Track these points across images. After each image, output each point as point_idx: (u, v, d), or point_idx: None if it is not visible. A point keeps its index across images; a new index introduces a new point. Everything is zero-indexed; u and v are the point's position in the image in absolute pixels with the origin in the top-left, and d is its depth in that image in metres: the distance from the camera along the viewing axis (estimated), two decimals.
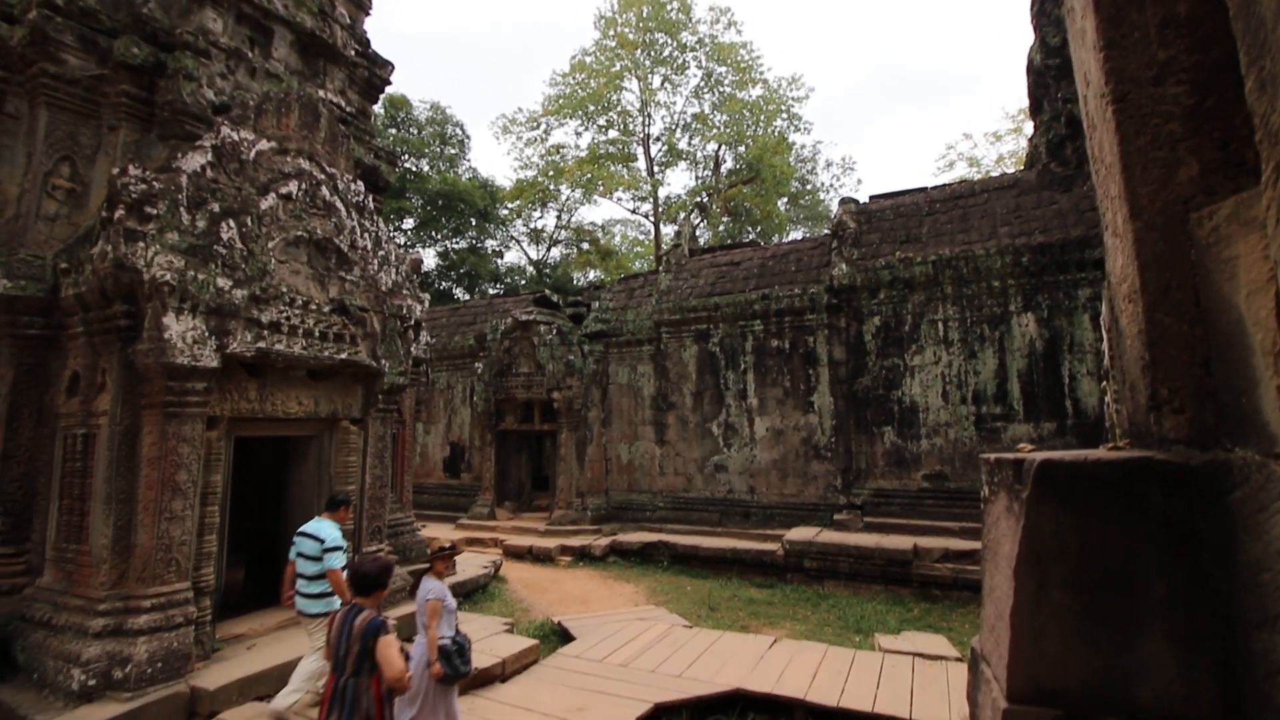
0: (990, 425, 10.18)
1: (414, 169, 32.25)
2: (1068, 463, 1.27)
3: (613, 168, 32.57)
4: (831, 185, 37.79)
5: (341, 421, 6.81)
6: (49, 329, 5.79)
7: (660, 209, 33.28)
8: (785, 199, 34.22)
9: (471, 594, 8.59)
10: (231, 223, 5.91)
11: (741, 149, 30.94)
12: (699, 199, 32.49)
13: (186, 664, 4.92)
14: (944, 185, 12.90)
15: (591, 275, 38.60)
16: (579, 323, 14.54)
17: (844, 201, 12.88)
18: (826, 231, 15.07)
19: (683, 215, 30.66)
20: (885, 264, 11.23)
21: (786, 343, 12.11)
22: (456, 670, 3.88)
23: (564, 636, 7.22)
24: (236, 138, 6.24)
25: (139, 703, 4.50)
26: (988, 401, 10.29)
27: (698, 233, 26.38)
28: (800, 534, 10.32)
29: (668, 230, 34.54)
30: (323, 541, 4.82)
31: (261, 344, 5.91)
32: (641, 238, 41.84)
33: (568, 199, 36.43)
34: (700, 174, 34.64)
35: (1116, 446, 1.44)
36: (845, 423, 11.35)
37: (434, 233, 33.98)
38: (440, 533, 12.28)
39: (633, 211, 35.09)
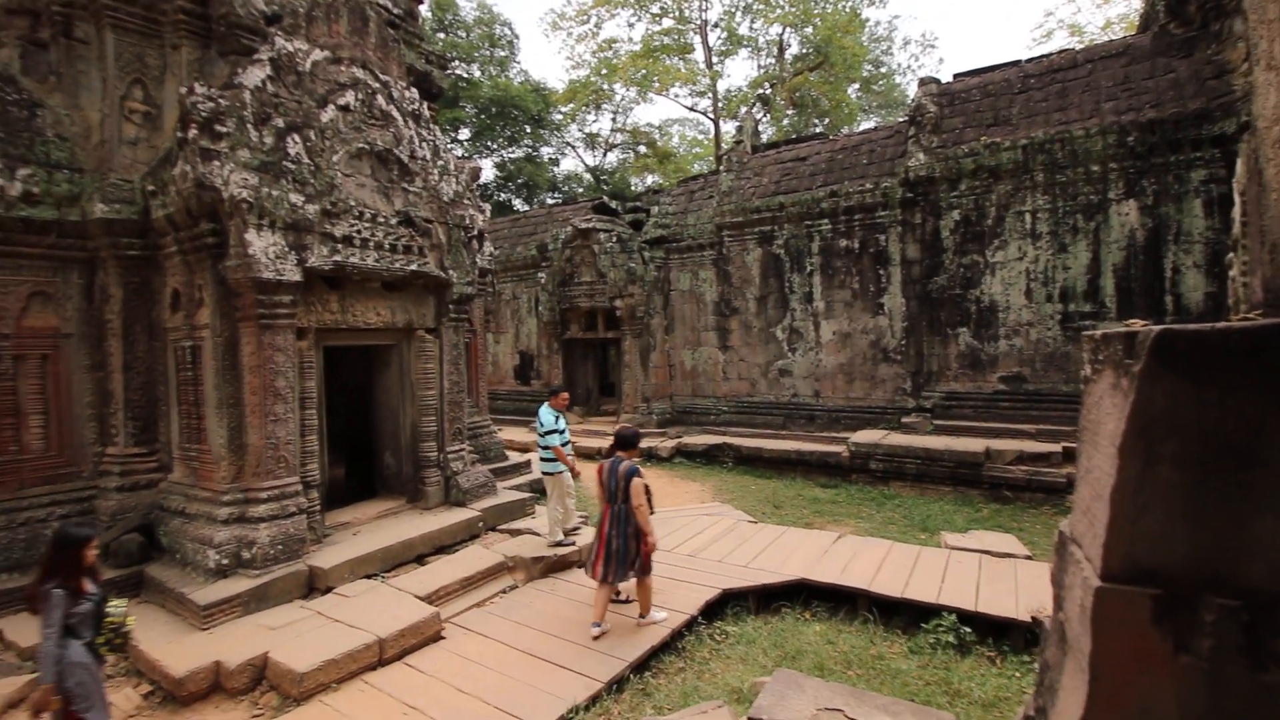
0: (1077, 324, 9.56)
1: (465, 75, 31.41)
2: (1190, 332, 1.16)
3: (668, 61, 30.66)
4: (909, 66, 34.49)
5: (417, 331, 7.10)
6: (147, 249, 6.18)
7: (720, 104, 31.40)
8: (856, 85, 31.52)
9: (544, 491, 9.12)
10: (296, 137, 5.98)
11: (808, 30, 28.31)
12: (761, 91, 30.40)
13: (303, 547, 5.54)
14: (1040, 57, 11.47)
15: (650, 180, 37.50)
16: (639, 229, 14.30)
17: (924, 82, 11.73)
18: (903, 118, 13.88)
19: (744, 109, 28.87)
20: (968, 151, 10.32)
21: (856, 242, 11.54)
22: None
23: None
24: (291, 48, 6.18)
25: (266, 578, 5.14)
26: (1076, 299, 9.62)
27: (760, 128, 24.91)
28: (866, 436, 10.28)
29: (728, 127, 32.74)
30: (542, 425, 6.31)
31: (337, 257, 6.12)
32: (700, 137, 39.94)
33: (622, 99, 34.84)
34: (763, 62, 32.20)
35: (1245, 317, 1.30)
36: (917, 324, 10.93)
37: (489, 143, 33.51)
38: (515, 436, 12.97)
39: (690, 109, 33.28)
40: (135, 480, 6.04)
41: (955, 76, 12.02)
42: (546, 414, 6.37)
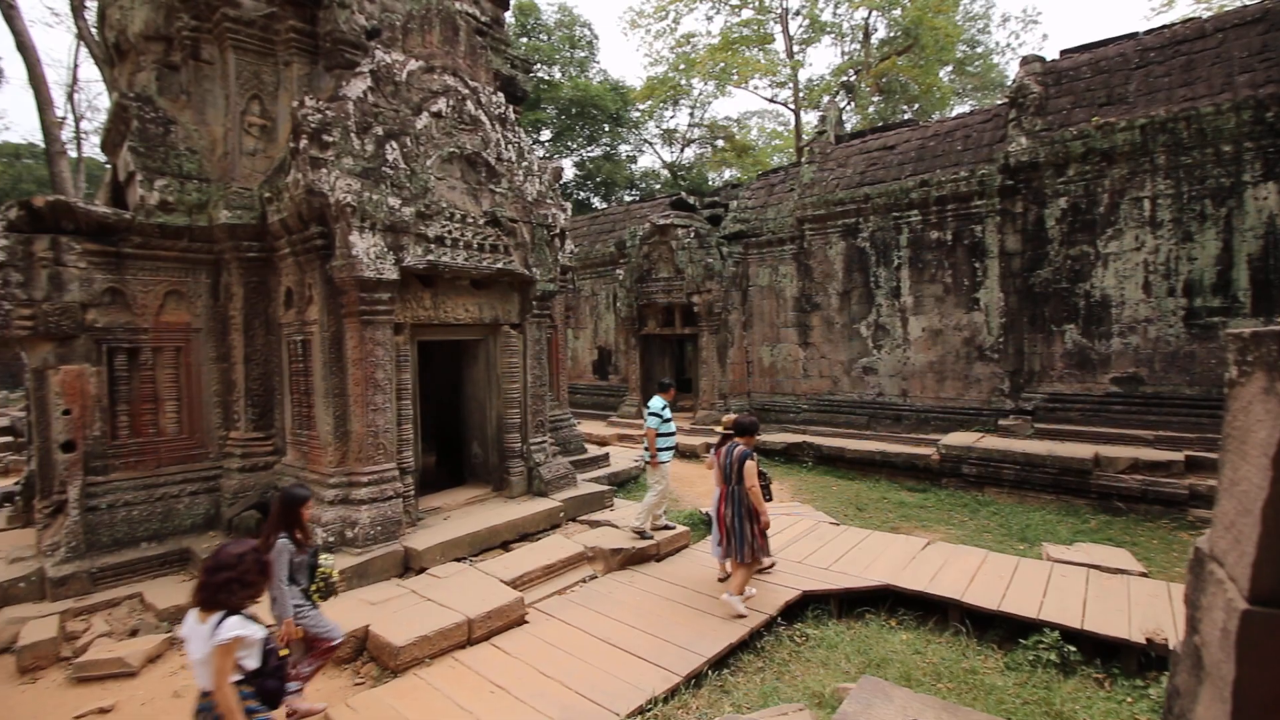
0: (1204, 320, 8.66)
1: (546, 78, 32.17)
2: None
3: (747, 53, 30.13)
4: (1008, 45, 32.34)
5: (502, 326, 7.37)
6: (264, 251, 6.73)
7: (801, 94, 30.56)
8: (949, 68, 29.85)
9: (625, 483, 9.26)
10: (394, 144, 6.33)
11: (896, 13, 27.04)
12: (845, 78, 29.36)
13: (399, 529, 5.90)
14: (1161, 28, 10.42)
15: (727, 174, 37.08)
16: (717, 224, 14.18)
17: (1026, 61, 10.95)
18: (1001, 101, 13.03)
19: (827, 99, 27.97)
20: (1078, 133, 9.54)
21: (948, 234, 10.95)
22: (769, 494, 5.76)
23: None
24: (389, 60, 6.54)
25: (366, 557, 5.51)
26: (1203, 293, 8.70)
27: (844, 117, 24.05)
28: (959, 439, 9.75)
29: (809, 118, 31.83)
30: (649, 408, 6.55)
31: (431, 256, 6.44)
32: (780, 129, 39.09)
33: (700, 93, 34.62)
34: (847, 49, 31.11)
35: None
36: (1016, 321, 10.24)
37: (569, 143, 34.17)
38: (593, 429, 13.21)
39: (770, 100, 32.55)
40: (254, 462, 6.62)
41: (1062, 53, 11.14)
42: (657, 400, 6.60)
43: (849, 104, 29.01)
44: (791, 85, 30.28)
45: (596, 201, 34.15)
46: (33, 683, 4.57)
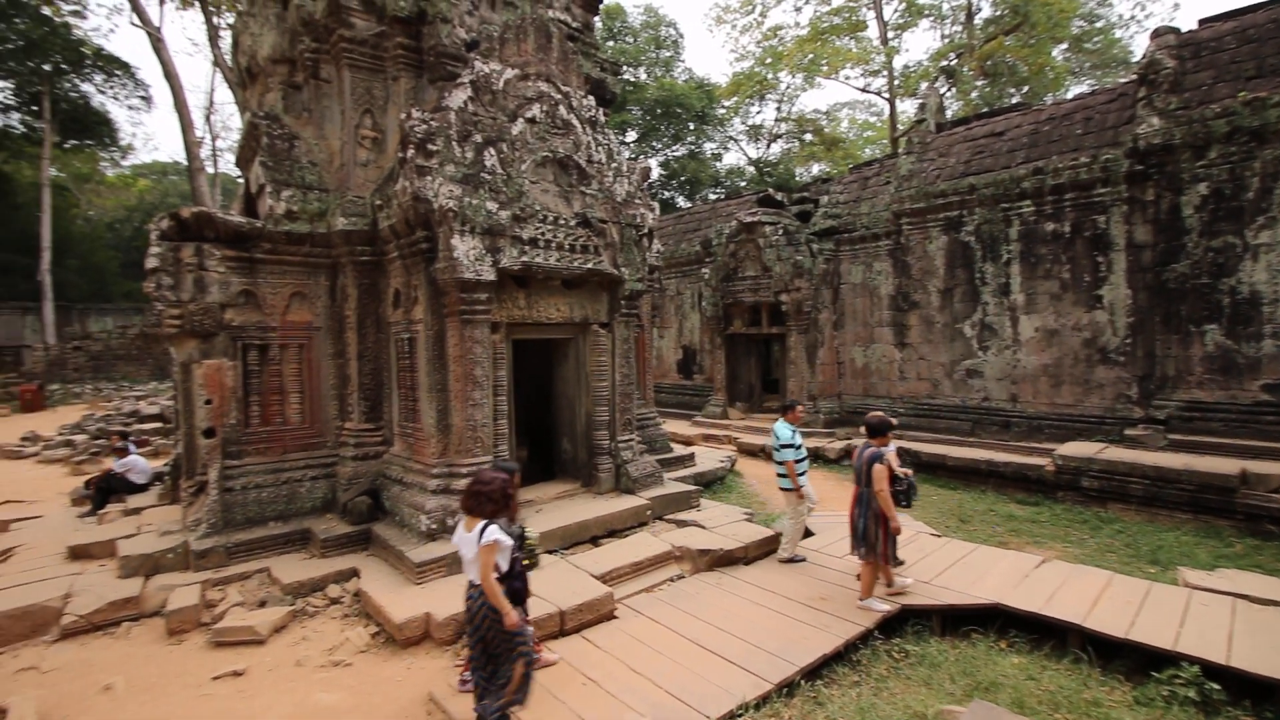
0: None
1: (631, 79, 32.52)
2: None
3: (838, 42, 29.13)
4: (1132, 17, 29.47)
5: (592, 325, 7.50)
6: (375, 255, 7.19)
7: (896, 82, 29.21)
8: (1063, 46, 27.58)
9: (710, 484, 9.19)
10: (491, 151, 6.58)
11: None
12: (945, 62, 27.77)
13: None
14: None
15: (816, 169, 36.03)
16: (806, 220, 13.79)
17: (1158, 33, 9.89)
18: (1127, 78, 11.88)
19: (925, 85, 26.57)
20: (1221, 110, 8.51)
21: (1066, 225, 10.09)
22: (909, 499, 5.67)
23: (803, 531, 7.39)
24: (487, 70, 6.79)
25: None
26: None
27: (945, 104, 22.73)
28: (1078, 449, 8.96)
29: (905, 106, 30.37)
30: (778, 439, 6.24)
31: (525, 258, 6.66)
32: (873, 120, 37.57)
33: (787, 87, 33.84)
34: (947, 31, 29.43)
35: None
36: (1147, 320, 9.29)
37: (654, 143, 34.36)
38: (678, 429, 13.21)
39: (862, 90, 31.37)
40: (365, 451, 7.10)
41: (1201, 23, 9.99)
42: (783, 428, 6.27)
43: (950, 90, 27.42)
44: (886, 73, 28.98)
45: (681, 201, 34.15)
46: (179, 644, 5.12)
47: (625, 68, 31.84)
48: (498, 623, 3.48)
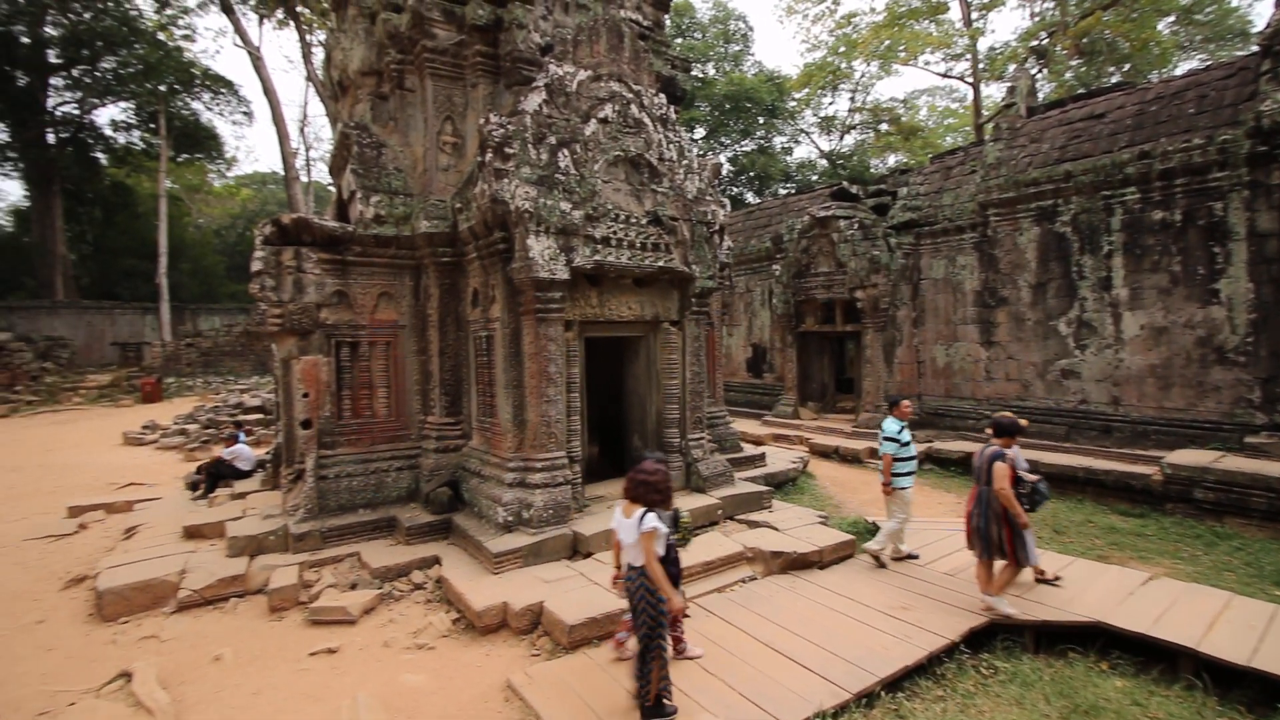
0: None
1: (700, 75, 32.31)
2: None
3: (917, 26, 27.90)
4: None
5: (662, 323, 7.51)
6: (455, 256, 7.47)
7: (981, 66, 27.72)
8: (1170, 19, 25.34)
9: (782, 485, 9.01)
10: (565, 152, 6.69)
11: None
12: (1036, 42, 26.11)
13: (568, 513, 6.26)
14: None
15: (892, 160, 34.72)
16: (883, 214, 13.28)
17: None
18: (1249, 50, 10.77)
19: (1013, 68, 25.08)
20: None
21: (1176, 213, 9.26)
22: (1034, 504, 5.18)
23: (872, 534, 7.13)
24: (560, 73, 6.91)
25: (541, 537, 5.92)
26: None
27: (1036, 86, 21.36)
28: (1190, 457, 8.21)
29: (990, 91, 28.78)
30: (883, 432, 6.17)
31: (597, 257, 6.74)
32: (954, 106, 35.82)
33: (862, 76, 32.76)
34: (1038, 9, 27.59)
35: None
36: (1271, 317, 8.40)
37: (723, 139, 34.03)
38: (747, 428, 13.04)
39: (944, 75, 29.93)
40: (446, 444, 7.40)
41: None
42: (890, 423, 6.17)
43: (1041, 72, 25.76)
44: (969, 57, 27.55)
45: (750, 197, 33.66)
46: (279, 620, 5.49)
47: (694, 64, 31.69)
48: (652, 605, 3.69)
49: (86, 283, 33.60)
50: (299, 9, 29.58)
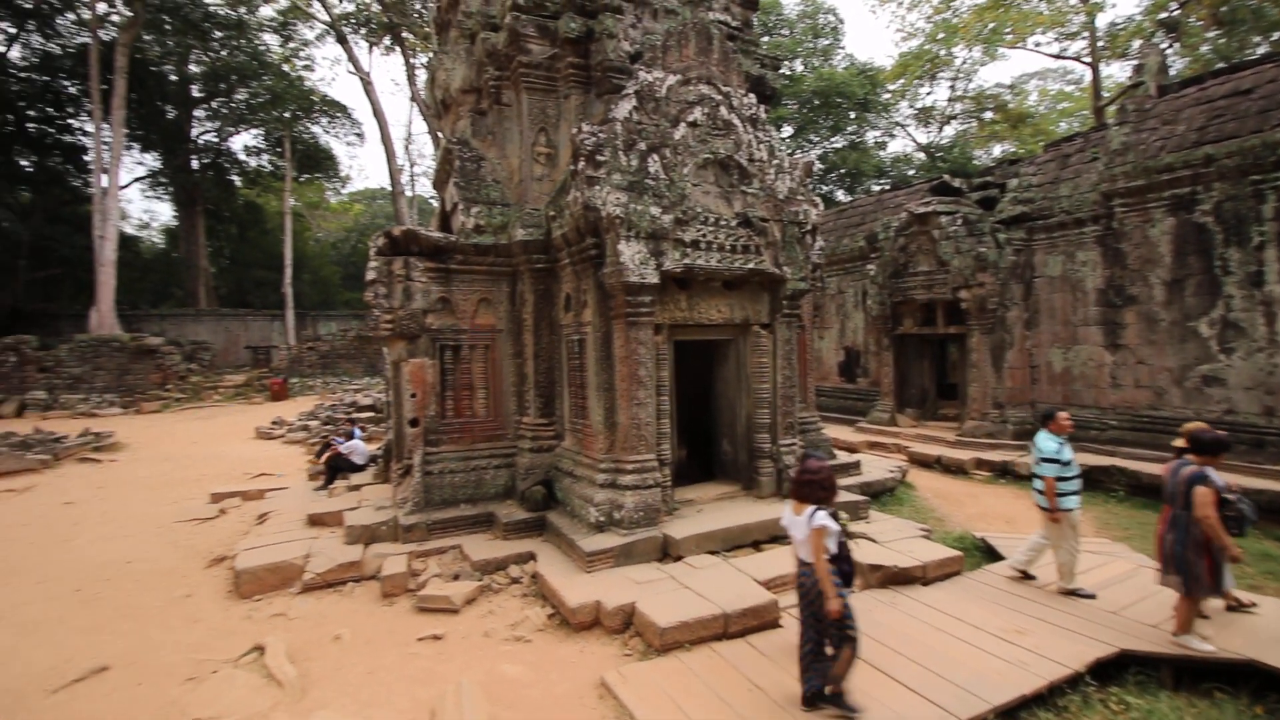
0: None
1: (787, 72, 31.66)
2: None
3: (1026, 5, 25.99)
4: None
5: (752, 326, 7.41)
6: (548, 262, 7.71)
7: (1100, 44, 25.43)
8: None
9: (879, 495, 8.63)
10: (655, 157, 6.75)
11: None
12: (1165, 14, 23.62)
13: (658, 516, 6.30)
14: None
15: (998, 150, 32.54)
16: (990, 208, 12.44)
17: None
18: None
19: (1139, 43, 22.81)
20: None
21: None
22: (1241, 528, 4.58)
23: (988, 553, 6.68)
24: (650, 79, 6.98)
25: (631, 538, 5.99)
26: None
27: (1167, 62, 19.29)
28: None
29: (1112, 70, 26.36)
30: (1039, 451, 5.57)
31: (686, 260, 6.74)
32: (1069, 90, 33.09)
33: (963, 62, 30.93)
34: None
35: None
36: None
37: (811, 136, 33.16)
38: (839, 435, 12.60)
39: (1057, 56, 27.76)
40: (540, 444, 7.65)
41: None
42: (1046, 440, 5.54)
43: (1172, 46, 23.29)
44: (1087, 35, 25.34)
45: (841, 195, 32.58)
46: (390, 606, 5.87)
47: (782, 61, 31.11)
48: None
49: (224, 292, 37.54)
50: (404, 35, 31.67)
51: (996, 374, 11.62)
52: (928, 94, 33.34)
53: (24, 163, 29.63)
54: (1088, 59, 25.74)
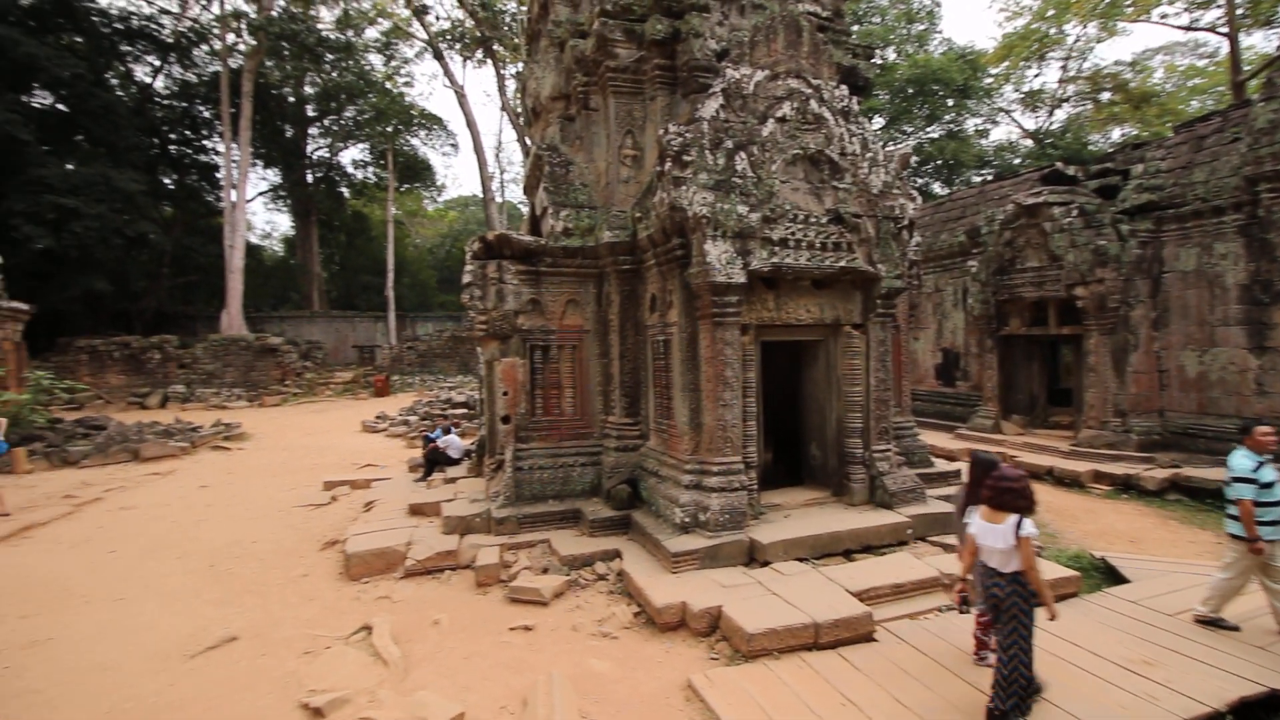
0: None
1: (880, 61, 30.39)
2: None
3: None
4: None
5: (844, 327, 7.15)
6: (634, 263, 7.78)
7: (1239, 11, 22.70)
8: None
9: None
10: (742, 155, 6.65)
11: None
12: None
13: (744, 519, 6.20)
14: None
15: (1117, 134, 29.80)
16: (1110, 197, 11.40)
17: None
18: None
19: None
20: None
21: None
22: None
23: (1109, 575, 6.11)
24: (737, 76, 6.88)
25: (717, 541, 5.93)
26: None
27: None
28: None
29: (1253, 41, 23.52)
30: (1231, 470, 4.83)
31: (774, 259, 6.60)
32: (1201, 64, 29.79)
33: (1076, 40, 28.57)
34: None
35: None
36: None
37: (905, 127, 31.67)
38: (936, 441, 11.94)
39: (1186, 28, 25.04)
40: (625, 444, 7.73)
41: None
42: (1241, 458, 4.76)
43: None
44: (1222, 2, 22.69)
45: (937, 187, 30.91)
46: (484, 595, 6.11)
47: (875, 50, 29.89)
48: (1025, 612, 3.68)
49: (334, 296, 40.62)
50: (495, 48, 32.99)
51: (1118, 379, 10.61)
52: (1035, 76, 31.01)
53: (167, 181, 33.33)
54: (1224, 29, 23.02)
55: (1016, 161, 29.95)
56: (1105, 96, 29.63)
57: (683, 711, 4.15)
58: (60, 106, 26.95)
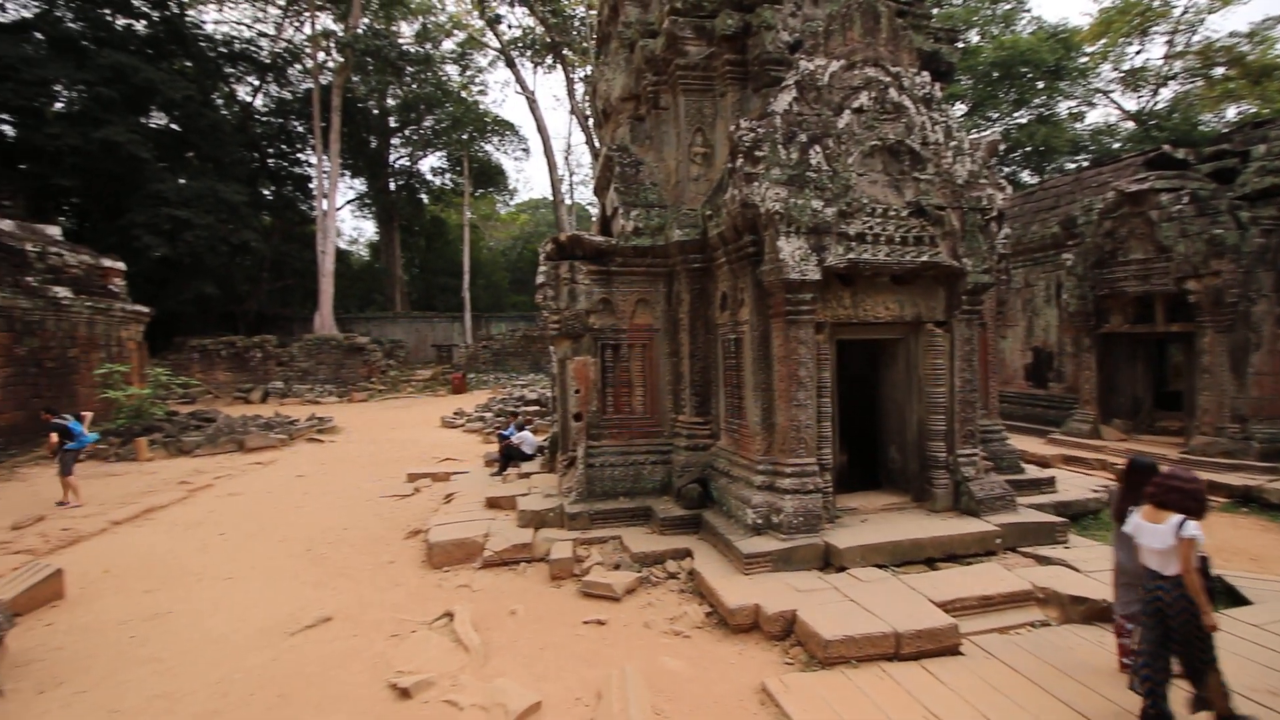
0: None
1: (962, 44, 28.92)
2: None
3: None
4: None
5: (926, 324, 6.85)
6: (704, 262, 7.73)
7: None
8: None
9: (1078, 517, 7.55)
10: (816, 148, 6.48)
11: None
12: None
13: (819, 523, 6.04)
14: None
15: (1232, 113, 27.15)
16: (1226, 181, 10.37)
17: None
18: None
19: None
20: None
21: None
22: None
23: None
24: (811, 67, 6.70)
25: (791, 544, 5.82)
26: None
27: None
28: None
29: None
30: None
31: (851, 255, 6.40)
32: None
33: (1185, 12, 26.18)
34: None
35: None
36: None
37: (990, 113, 30.00)
38: (1027, 446, 11.25)
39: None
40: (696, 443, 7.71)
41: None
42: None
43: None
44: None
45: (1026, 176, 29.09)
46: (558, 587, 6.24)
47: (958, 33, 28.42)
48: (1194, 618, 3.48)
49: (414, 297, 42.61)
50: (565, 53, 33.63)
51: (1237, 381, 9.65)
52: (1137, 53, 28.65)
53: (265, 192, 35.94)
54: None
55: (1116, 146, 27.75)
56: (1219, 72, 26.98)
57: (756, 715, 4.10)
58: (174, 126, 29.57)
